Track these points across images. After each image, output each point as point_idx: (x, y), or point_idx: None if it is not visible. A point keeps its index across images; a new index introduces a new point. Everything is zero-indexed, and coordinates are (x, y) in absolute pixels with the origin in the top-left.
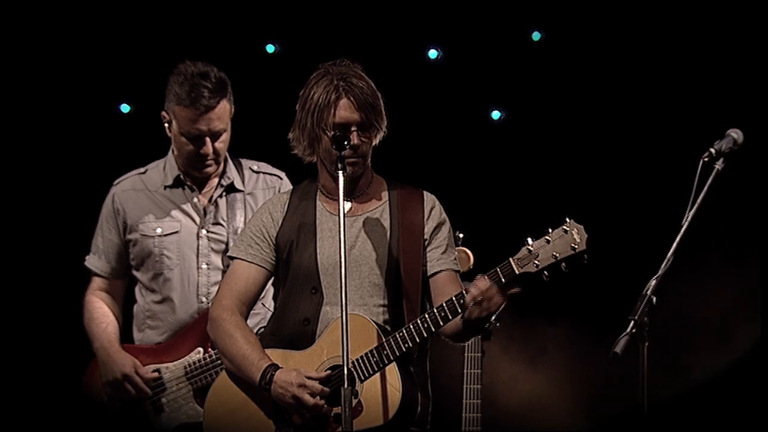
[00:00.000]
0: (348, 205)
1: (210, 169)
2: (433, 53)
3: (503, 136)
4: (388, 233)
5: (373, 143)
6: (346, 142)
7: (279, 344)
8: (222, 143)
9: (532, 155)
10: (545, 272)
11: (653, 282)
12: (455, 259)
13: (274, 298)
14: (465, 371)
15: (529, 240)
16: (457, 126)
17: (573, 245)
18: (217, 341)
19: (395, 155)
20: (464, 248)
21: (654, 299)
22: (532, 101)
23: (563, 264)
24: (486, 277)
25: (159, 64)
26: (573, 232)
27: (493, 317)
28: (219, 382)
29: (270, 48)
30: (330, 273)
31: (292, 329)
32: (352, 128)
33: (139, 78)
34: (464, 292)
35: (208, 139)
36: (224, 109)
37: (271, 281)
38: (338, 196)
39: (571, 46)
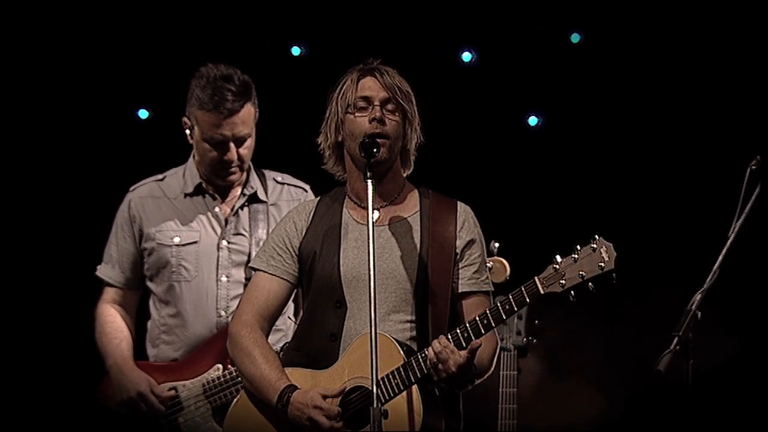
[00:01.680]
0: (376, 213)
1: (234, 177)
2: (466, 56)
3: (540, 143)
4: (418, 245)
5: (403, 134)
6: (375, 149)
7: (303, 360)
8: (246, 149)
9: (570, 164)
10: (572, 292)
11: (698, 296)
12: (487, 278)
13: (295, 314)
14: (500, 390)
15: (556, 258)
16: (492, 133)
17: (601, 264)
18: (236, 359)
19: (426, 162)
20: (500, 258)
21: (699, 314)
22: (570, 107)
23: (590, 284)
24: (443, 338)
25: (179, 67)
26: (601, 250)
27: (457, 380)
28: (239, 401)
29: (295, 50)
30: (354, 285)
31: (318, 345)
32: (375, 103)
33: (158, 82)
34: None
35: (232, 145)
36: (249, 113)
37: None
38: (367, 203)
39: (612, 48)
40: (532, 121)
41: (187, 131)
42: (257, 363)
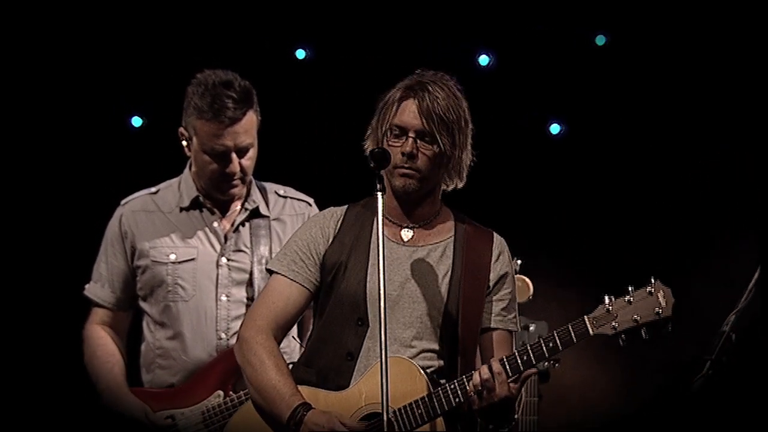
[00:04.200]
0: (409, 233)
1: (236, 190)
2: (484, 59)
3: (563, 153)
4: (450, 270)
5: (437, 164)
6: (384, 161)
7: (313, 377)
8: (249, 160)
9: (595, 174)
10: (623, 336)
11: (732, 317)
12: (515, 317)
13: (299, 335)
14: (520, 417)
15: (607, 299)
16: (511, 142)
17: (658, 310)
18: (246, 366)
19: None
20: (523, 276)
21: (733, 336)
22: (595, 114)
23: (644, 329)
24: (497, 364)
25: (174, 72)
26: (659, 294)
27: (498, 413)
28: (238, 417)
29: (300, 53)
30: (379, 305)
31: (331, 362)
32: (410, 134)
33: (153, 87)
34: (465, 378)
35: (234, 156)
36: (251, 121)
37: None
38: (406, 222)
39: (641, 51)
40: (554, 129)
41: (184, 142)
42: (270, 373)
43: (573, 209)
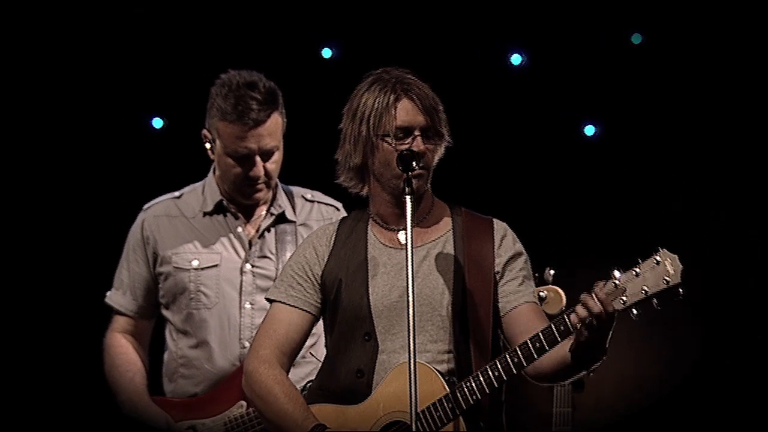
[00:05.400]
0: (404, 235)
1: (260, 195)
2: (516, 58)
3: (599, 155)
4: (453, 267)
5: (436, 157)
6: (414, 162)
7: (329, 399)
8: (274, 163)
9: (632, 177)
10: (633, 309)
11: None
12: (534, 292)
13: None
14: (553, 430)
15: (616, 273)
16: (545, 144)
17: (666, 278)
18: (254, 399)
19: (471, 177)
20: (555, 287)
21: None
22: (631, 114)
23: (655, 300)
24: (593, 295)
25: (197, 72)
26: (666, 262)
27: (607, 341)
28: None
29: (326, 52)
30: (385, 316)
31: (344, 382)
32: (416, 133)
33: (174, 88)
34: (565, 315)
35: (258, 159)
36: (276, 123)
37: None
38: (402, 224)
39: (677, 50)
40: (589, 130)
41: (208, 145)
42: (279, 402)
43: (610, 213)
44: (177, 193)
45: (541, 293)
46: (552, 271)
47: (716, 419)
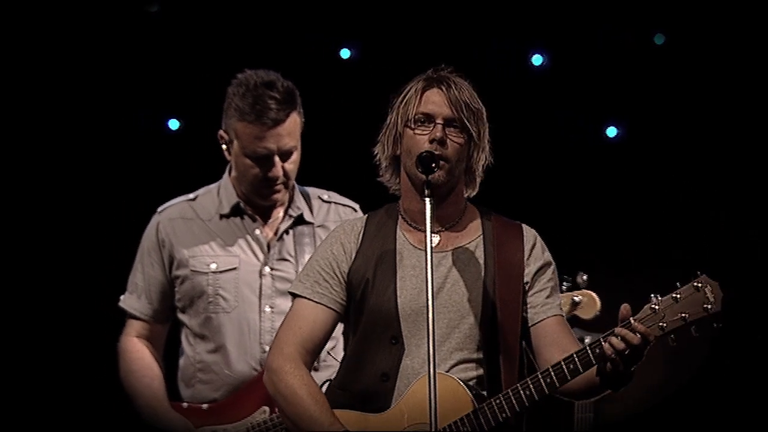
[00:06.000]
0: (436, 238)
1: (278, 196)
2: (537, 59)
3: (621, 157)
4: (483, 273)
5: (464, 154)
6: (434, 164)
7: (350, 401)
8: (292, 164)
9: (655, 180)
10: (672, 336)
11: None
12: (560, 303)
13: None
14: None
15: (653, 297)
16: (566, 145)
17: (706, 305)
18: (278, 398)
19: (492, 180)
20: (589, 291)
21: None
22: (654, 115)
23: (693, 327)
24: (632, 325)
25: (213, 72)
26: (706, 289)
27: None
28: None
29: (345, 53)
30: (413, 320)
31: (367, 385)
32: (438, 121)
33: (190, 89)
34: (602, 340)
35: (276, 160)
36: (294, 123)
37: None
38: (424, 226)
39: (700, 50)
40: (611, 131)
41: (224, 146)
42: (305, 403)
43: (634, 216)
44: (191, 195)
45: (575, 298)
46: (585, 276)
47: (716, 419)
